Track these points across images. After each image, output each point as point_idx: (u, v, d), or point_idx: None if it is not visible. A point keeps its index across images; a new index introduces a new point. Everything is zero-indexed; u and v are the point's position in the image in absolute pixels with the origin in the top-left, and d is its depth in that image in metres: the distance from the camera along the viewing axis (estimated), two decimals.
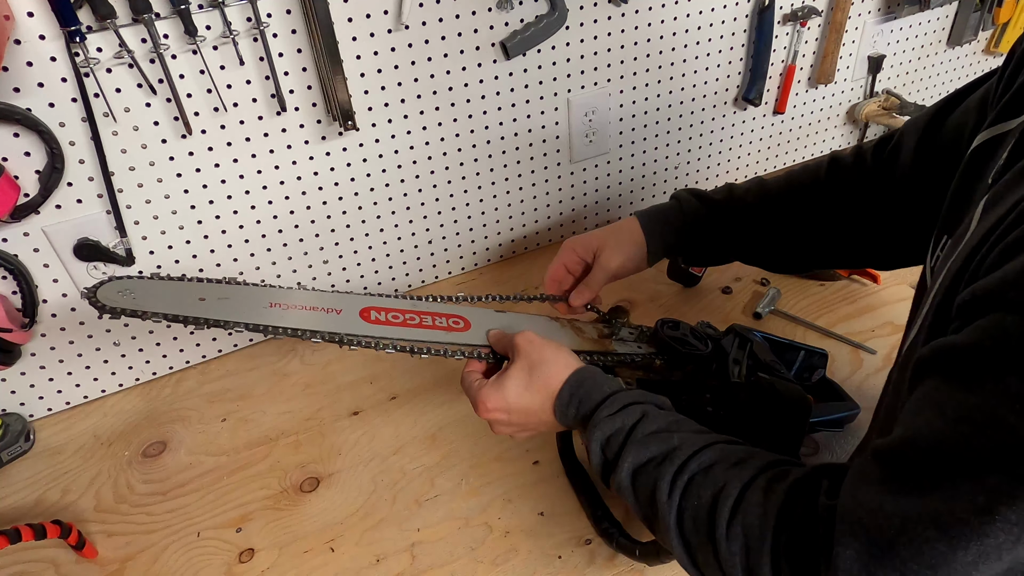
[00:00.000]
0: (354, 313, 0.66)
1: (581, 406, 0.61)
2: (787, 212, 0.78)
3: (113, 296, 0.61)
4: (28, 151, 0.78)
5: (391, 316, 0.67)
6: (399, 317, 0.68)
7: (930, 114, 0.67)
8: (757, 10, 1.13)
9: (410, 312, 0.69)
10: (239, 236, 0.95)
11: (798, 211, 0.77)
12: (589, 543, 0.74)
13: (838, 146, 1.41)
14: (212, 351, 1.03)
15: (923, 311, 0.50)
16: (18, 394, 0.92)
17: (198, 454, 0.88)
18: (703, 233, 0.81)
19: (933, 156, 0.66)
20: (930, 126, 0.67)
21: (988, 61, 1.47)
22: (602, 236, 0.81)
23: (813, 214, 0.76)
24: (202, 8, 0.78)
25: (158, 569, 0.75)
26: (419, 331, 0.67)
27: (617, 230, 0.82)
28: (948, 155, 0.62)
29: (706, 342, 0.73)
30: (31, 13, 0.72)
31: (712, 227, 0.81)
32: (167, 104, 0.82)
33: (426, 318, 0.69)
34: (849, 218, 0.74)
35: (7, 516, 0.82)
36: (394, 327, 0.67)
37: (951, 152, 0.61)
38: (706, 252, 0.84)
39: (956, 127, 0.63)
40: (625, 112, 1.13)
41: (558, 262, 0.83)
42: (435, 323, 0.69)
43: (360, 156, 0.97)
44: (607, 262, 0.80)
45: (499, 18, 0.95)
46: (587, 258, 0.82)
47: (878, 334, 0.96)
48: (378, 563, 0.74)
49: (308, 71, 0.87)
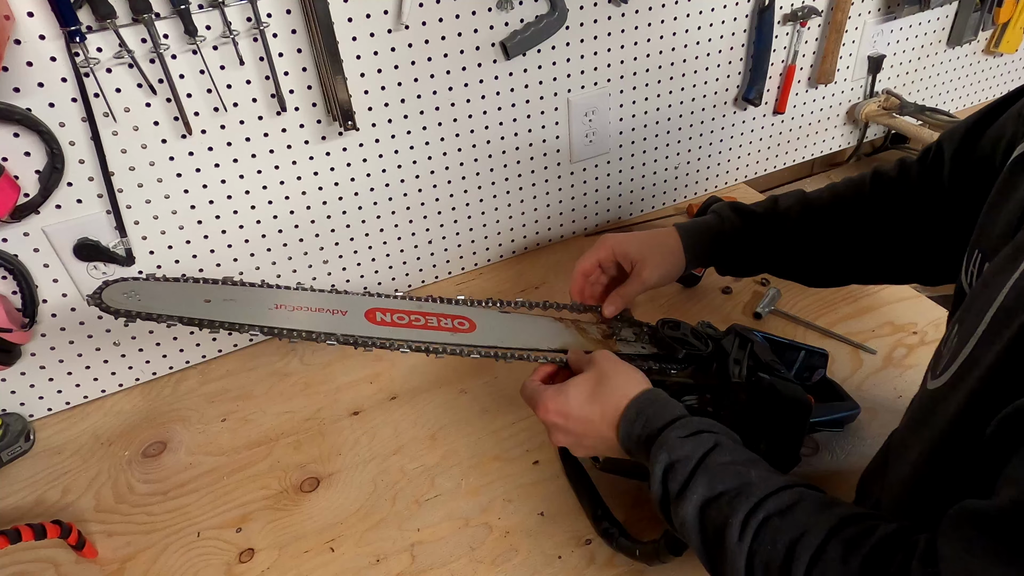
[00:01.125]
0: (360, 314, 0.66)
1: (648, 424, 0.57)
2: (832, 227, 0.76)
3: (118, 298, 0.61)
4: (28, 151, 0.78)
5: (396, 317, 0.68)
6: (404, 318, 0.68)
7: (968, 125, 0.65)
8: (757, 10, 1.13)
9: (415, 313, 0.69)
10: (239, 236, 0.95)
11: (843, 226, 0.75)
12: (589, 543, 0.74)
13: (838, 146, 1.41)
14: (212, 351, 1.03)
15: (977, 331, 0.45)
16: (18, 394, 0.92)
17: (198, 454, 0.88)
18: (744, 248, 0.80)
19: (970, 168, 0.64)
20: (967, 137, 0.64)
21: (988, 61, 1.47)
22: (644, 247, 0.78)
23: (858, 229, 0.74)
24: (202, 8, 0.78)
25: (158, 569, 0.75)
26: (425, 332, 0.67)
27: (659, 244, 0.79)
28: (986, 167, 0.59)
29: (706, 342, 0.73)
30: (31, 13, 0.72)
31: (753, 242, 0.79)
32: (167, 104, 0.82)
33: (431, 319, 0.69)
34: (895, 233, 0.72)
35: (7, 516, 0.82)
36: (401, 328, 0.67)
37: (989, 164, 0.59)
38: (744, 265, 0.82)
39: (995, 138, 0.60)
40: (625, 112, 1.13)
41: (593, 257, 0.80)
42: (440, 324, 0.69)
43: (360, 156, 0.97)
44: (648, 277, 0.77)
45: (499, 18, 0.95)
46: (625, 264, 0.79)
47: (878, 334, 0.96)
48: (378, 563, 0.74)
49: (308, 71, 0.87)
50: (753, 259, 0.81)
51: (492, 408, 0.90)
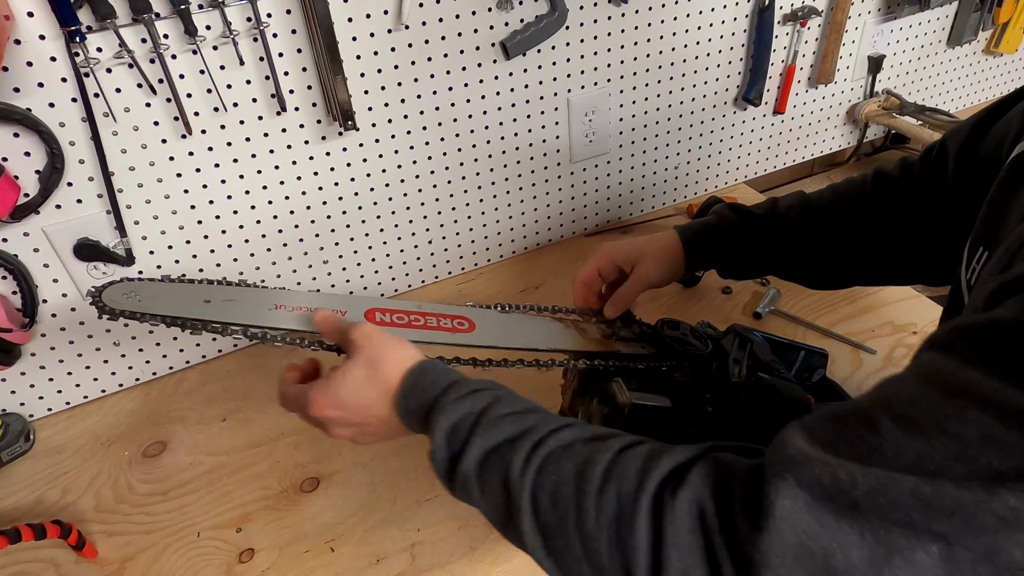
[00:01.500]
0: (359, 315, 0.66)
1: (424, 394, 0.54)
2: (833, 228, 0.75)
3: (118, 298, 0.61)
4: (28, 151, 0.78)
5: (396, 317, 0.68)
6: (404, 319, 0.68)
7: (973, 123, 0.64)
8: (757, 10, 1.13)
9: (415, 313, 0.69)
10: (239, 236, 0.95)
11: (845, 227, 0.74)
12: None
13: (838, 146, 1.41)
14: (212, 351, 1.03)
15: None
16: (18, 394, 0.92)
17: (198, 454, 0.88)
18: (744, 249, 0.79)
19: (974, 166, 0.63)
20: (972, 135, 0.64)
21: (988, 61, 1.47)
22: (641, 247, 0.79)
23: (860, 230, 0.73)
24: (202, 8, 0.78)
25: (158, 569, 0.75)
26: (425, 332, 0.67)
27: (656, 243, 0.79)
28: (990, 165, 0.58)
29: (706, 342, 0.73)
30: (31, 13, 0.72)
31: (753, 243, 0.79)
32: (167, 104, 0.82)
33: (431, 319, 0.69)
34: (898, 233, 0.71)
35: (7, 516, 0.82)
36: (400, 328, 0.67)
37: (993, 162, 0.58)
38: (745, 267, 0.82)
39: (999, 136, 0.59)
40: (625, 112, 1.13)
41: (592, 267, 0.80)
42: (440, 324, 0.69)
43: (360, 156, 0.97)
44: (646, 274, 0.77)
45: (499, 18, 0.95)
46: (624, 267, 0.79)
47: (878, 334, 0.96)
48: (378, 563, 0.74)
49: (308, 71, 0.87)
50: (754, 261, 0.81)
51: None
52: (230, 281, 0.67)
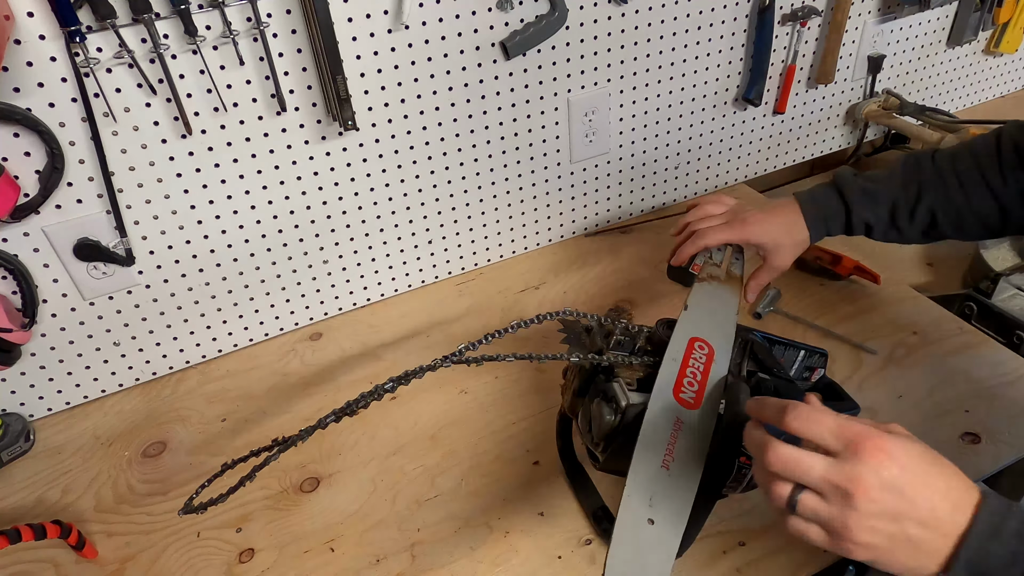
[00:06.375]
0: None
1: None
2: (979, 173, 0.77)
3: None
4: (28, 151, 0.78)
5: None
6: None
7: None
8: (757, 10, 1.13)
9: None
10: (239, 236, 0.95)
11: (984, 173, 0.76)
12: (589, 543, 0.74)
13: (838, 146, 1.41)
14: (212, 351, 1.03)
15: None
16: (18, 394, 0.92)
17: (198, 454, 0.88)
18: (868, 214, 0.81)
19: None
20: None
21: (988, 61, 1.48)
22: (778, 239, 0.81)
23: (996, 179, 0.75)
24: (202, 8, 0.78)
25: (158, 569, 0.75)
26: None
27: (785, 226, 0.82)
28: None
29: None
30: (31, 13, 0.72)
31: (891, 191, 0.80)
32: (167, 104, 0.82)
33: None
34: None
35: (7, 516, 0.82)
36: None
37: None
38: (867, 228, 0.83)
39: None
40: (625, 112, 1.13)
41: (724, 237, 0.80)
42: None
43: (360, 156, 0.97)
44: (781, 263, 0.82)
45: (499, 18, 0.95)
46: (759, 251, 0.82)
47: (878, 334, 0.96)
48: (378, 563, 0.74)
49: (308, 71, 0.87)
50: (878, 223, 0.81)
51: (492, 408, 0.90)
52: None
